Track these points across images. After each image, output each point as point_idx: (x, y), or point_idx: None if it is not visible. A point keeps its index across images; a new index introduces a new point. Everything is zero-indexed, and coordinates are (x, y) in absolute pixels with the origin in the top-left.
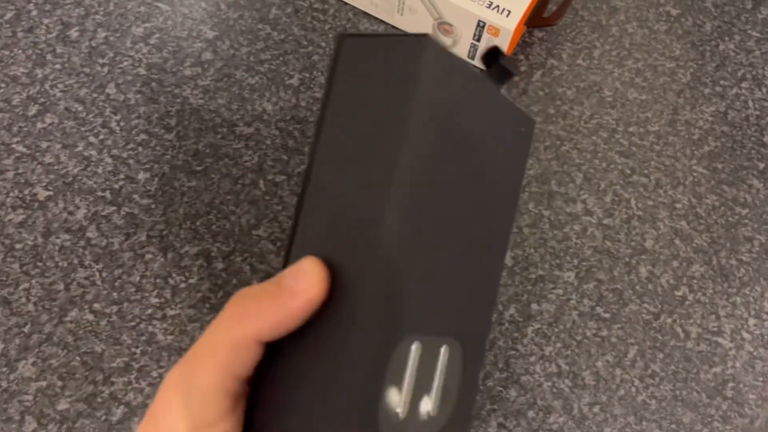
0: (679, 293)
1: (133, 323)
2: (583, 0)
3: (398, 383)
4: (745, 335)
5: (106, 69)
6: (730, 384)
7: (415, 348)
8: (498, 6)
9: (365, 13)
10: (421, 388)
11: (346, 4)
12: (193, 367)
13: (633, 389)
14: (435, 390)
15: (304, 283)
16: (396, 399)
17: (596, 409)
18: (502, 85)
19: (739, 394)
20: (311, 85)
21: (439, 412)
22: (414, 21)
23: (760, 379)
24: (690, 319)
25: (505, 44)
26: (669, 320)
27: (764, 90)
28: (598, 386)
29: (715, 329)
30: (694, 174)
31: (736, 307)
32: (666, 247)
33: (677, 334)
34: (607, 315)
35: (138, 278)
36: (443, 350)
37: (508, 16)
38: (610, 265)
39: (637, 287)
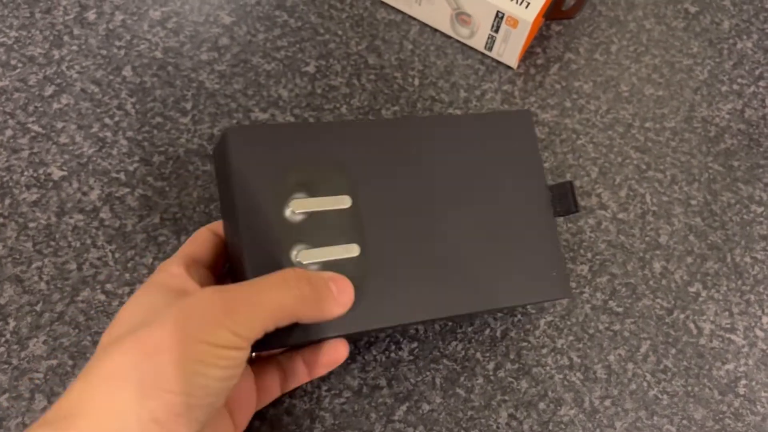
0: (693, 289)
1: None
2: None
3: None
4: (759, 333)
5: (122, 51)
6: (743, 381)
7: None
8: None
9: (382, 3)
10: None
11: None
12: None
13: (645, 384)
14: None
15: (347, 298)
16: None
17: (607, 402)
18: (560, 216)
19: (751, 391)
20: (327, 73)
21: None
22: (432, 11)
23: None
24: (703, 316)
25: (523, 36)
26: (682, 316)
27: None
28: (609, 380)
29: (728, 326)
30: (710, 171)
31: (750, 305)
32: (680, 243)
33: (690, 330)
34: (620, 309)
35: (151, 260)
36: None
37: (527, 7)
38: (624, 259)
39: (651, 282)
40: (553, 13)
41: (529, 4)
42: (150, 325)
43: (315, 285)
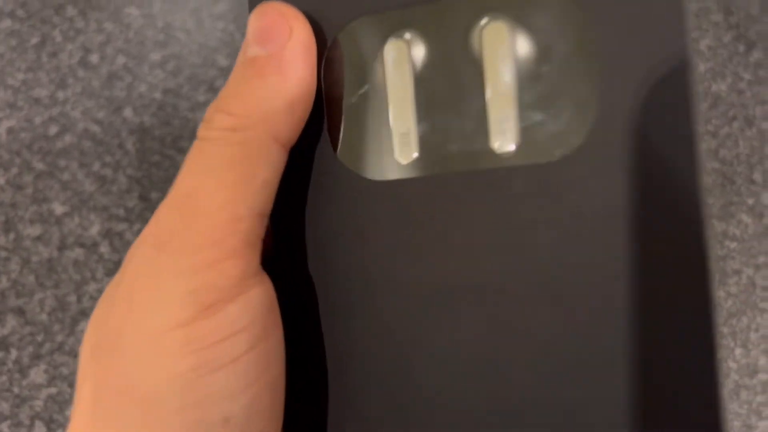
0: None
1: None
2: None
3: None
4: (732, 365)
5: (124, 93)
6: None
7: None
8: None
9: None
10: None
11: None
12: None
13: None
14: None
15: (284, 33)
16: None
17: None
18: None
19: None
20: None
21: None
22: None
23: (745, 407)
24: None
25: None
26: None
27: (754, 130)
28: None
29: None
30: None
31: (724, 337)
32: None
33: None
34: None
35: None
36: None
37: None
38: None
39: None
40: None
41: None
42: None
43: (234, 73)
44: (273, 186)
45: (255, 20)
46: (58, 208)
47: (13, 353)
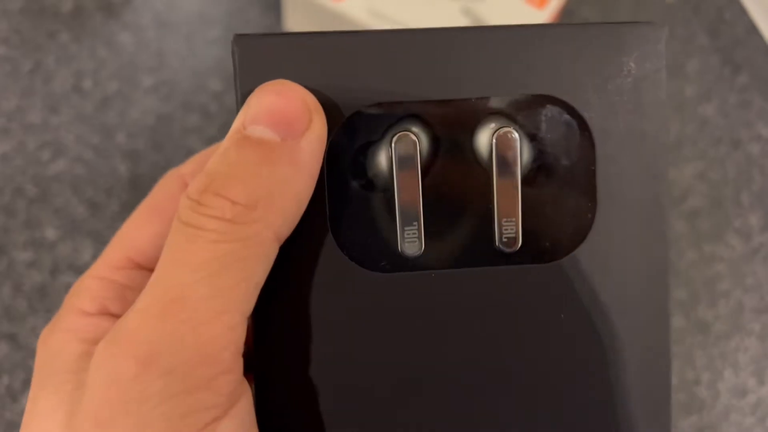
0: None
1: None
2: None
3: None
4: (720, 386)
5: (117, 118)
6: None
7: None
8: None
9: None
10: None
11: None
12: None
13: None
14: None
15: (304, 120)
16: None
17: None
18: None
19: None
20: None
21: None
22: None
23: (734, 428)
24: None
25: None
26: None
27: (741, 152)
28: None
29: (692, 379)
30: (675, 230)
31: (713, 359)
32: None
33: None
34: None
35: None
36: None
37: None
38: None
39: None
40: None
41: None
42: None
43: (233, 153)
44: (261, 285)
45: (269, 98)
46: (51, 233)
47: (5, 379)
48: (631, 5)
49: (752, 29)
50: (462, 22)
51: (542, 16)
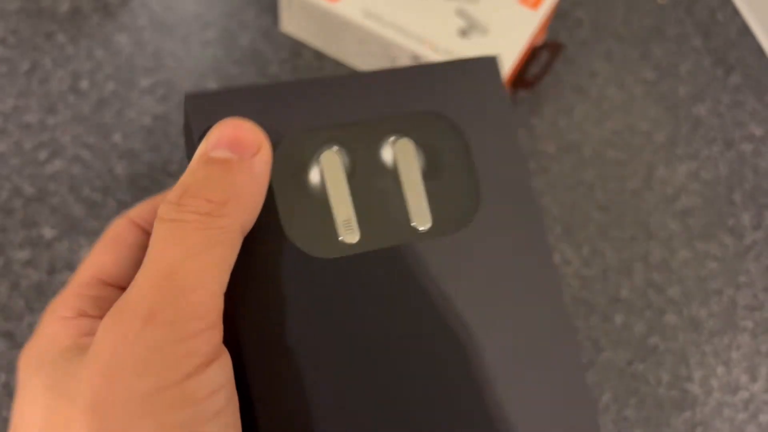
0: (652, 341)
1: None
2: (565, 64)
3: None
4: (714, 383)
5: (113, 118)
6: (700, 428)
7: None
8: None
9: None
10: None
11: (341, 63)
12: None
13: None
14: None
15: (254, 143)
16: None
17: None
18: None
19: None
20: None
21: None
22: None
23: (727, 424)
24: (661, 367)
25: None
26: (641, 367)
27: (733, 152)
28: None
29: (686, 376)
30: (668, 229)
31: (705, 356)
32: (640, 298)
33: (649, 380)
34: (584, 361)
35: None
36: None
37: None
38: (586, 313)
39: (612, 335)
40: (518, 82)
41: None
42: None
43: (201, 169)
44: (231, 267)
45: (227, 129)
46: (48, 233)
47: (2, 377)
48: (623, 7)
49: (745, 30)
50: (456, 22)
51: (536, 16)
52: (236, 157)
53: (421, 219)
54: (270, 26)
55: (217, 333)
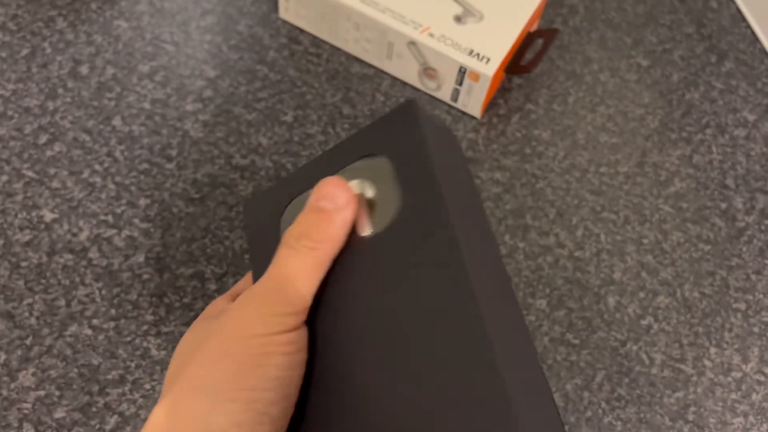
0: (645, 322)
1: (129, 338)
2: (559, 50)
3: None
4: (707, 363)
5: (113, 103)
6: (692, 408)
7: None
8: (478, 54)
9: (356, 58)
10: None
11: (338, 49)
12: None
13: (600, 411)
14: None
15: (344, 198)
16: None
17: (565, 429)
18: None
19: (700, 417)
20: (304, 122)
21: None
22: (401, 66)
23: (720, 404)
24: (655, 347)
25: (484, 89)
26: (635, 347)
27: (726, 137)
28: (566, 408)
29: (678, 357)
30: (661, 212)
31: (698, 337)
32: (633, 279)
33: (642, 360)
34: (577, 341)
35: (135, 296)
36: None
37: (487, 63)
38: (580, 294)
39: (606, 316)
40: (513, 68)
41: (489, 59)
42: (200, 349)
43: (310, 216)
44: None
45: (329, 188)
46: (48, 215)
47: (2, 356)
48: None
49: (738, 16)
50: (452, 8)
51: (531, 2)
52: (331, 206)
53: (366, 230)
54: (268, 12)
55: (301, 317)
